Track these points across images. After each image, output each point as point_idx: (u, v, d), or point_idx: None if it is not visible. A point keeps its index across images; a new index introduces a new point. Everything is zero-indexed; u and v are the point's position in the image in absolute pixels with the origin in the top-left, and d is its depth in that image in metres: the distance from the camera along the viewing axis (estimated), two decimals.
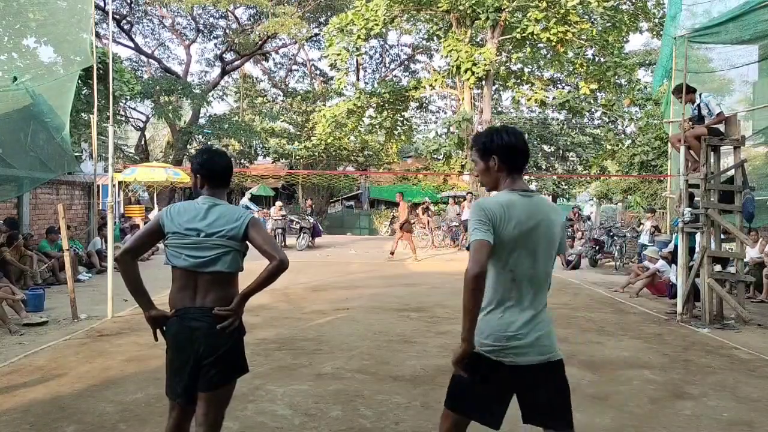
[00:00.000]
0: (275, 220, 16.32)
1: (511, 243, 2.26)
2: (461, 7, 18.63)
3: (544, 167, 26.37)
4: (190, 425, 2.66)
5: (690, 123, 7.63)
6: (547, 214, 2.35)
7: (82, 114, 15.76)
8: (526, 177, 2.65)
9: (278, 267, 2.54)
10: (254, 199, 25.73)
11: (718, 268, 7.46)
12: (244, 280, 2.63)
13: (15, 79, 9.25)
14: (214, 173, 2.67)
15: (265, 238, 2.60)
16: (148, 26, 30.25)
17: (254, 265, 2.77)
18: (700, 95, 7.63)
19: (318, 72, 35.23)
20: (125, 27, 27.51)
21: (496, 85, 24.52)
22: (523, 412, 2.37)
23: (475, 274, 2.14)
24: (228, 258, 2.55)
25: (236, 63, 30.94)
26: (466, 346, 2.21)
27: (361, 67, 32.61)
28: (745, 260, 7.99)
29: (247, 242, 2.61)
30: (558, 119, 27.58)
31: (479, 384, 2.30)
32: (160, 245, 3.41)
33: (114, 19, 24.03)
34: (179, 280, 2.58)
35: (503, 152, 2.36)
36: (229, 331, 2.55)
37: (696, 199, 7.62)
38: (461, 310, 2.19)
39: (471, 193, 19.55)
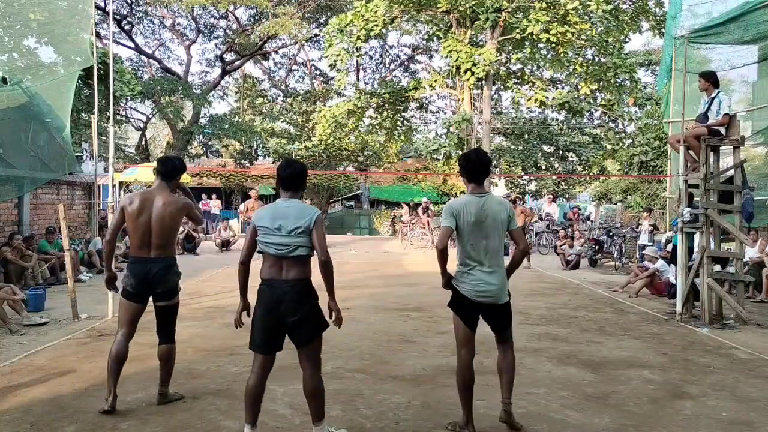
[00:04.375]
0: None
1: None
2: (461, 8, 18.62)
3: (544, 167, 26.34)
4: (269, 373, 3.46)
5: (693, 123, 7.59)
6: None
7: (83, 114, 15.77)
8: (526, 177, 3.19)
9: (323, 264, 3.34)
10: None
11: (717, 268, 7.46)
12: None
13: (5, 80, 9.21)
14: (283, 179, 3.43)
15: (320, 237, 3.35)
16: (148, 26, 30.27)
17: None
18: (718, 91, 7.35)
19: (318, 72, 35.23)
20: (126, 27, 27.52)
21: (496, 85, 24.50)
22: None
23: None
24: (304, 247, 3.33)
25: (236, 63, 30.93)
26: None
27: (361, 67, 32.62)
28: (744, 260, 7.99)
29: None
30: (558, 119, 27.56)
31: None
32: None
33: (114, 19, 24.03)
34: (269, 261, 3.35)
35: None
36: (336, 318, 3.54)
37: (695, 199, 7.62)
38: None
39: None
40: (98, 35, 21.24)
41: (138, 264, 3.97)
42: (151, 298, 4.05)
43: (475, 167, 3.63)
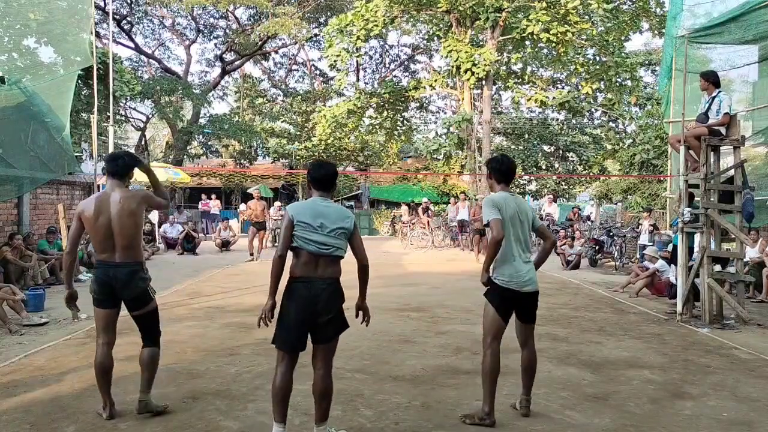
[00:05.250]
0: (275, 220, 16.32)
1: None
2: (461, 8, 18.63)
3: (544, 167, 26.33)
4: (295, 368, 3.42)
5: (694, 123, 7.58)
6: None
7: (82, 114, 15.78)
8: (527, 177, 3.27)
9: (364, 268, 3.48)
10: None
11: (717, 268, 7.46)
12: None
13: (2, 80, 9.19)
14: (317, 180, 3.46)
15: (360, 241, 3.49)
16: (148, 26, 30.29)
17: None
18: (719, 91, 7.31)
19: (318, 72, 35.26)
20: (125, 27, 27.52)
21: (497, 85, 24.51)
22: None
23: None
24: (342, 249, 3.41)
25: (236, 63, 30.95)
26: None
27: (361, 67, 32.63)
28: (745, 260, 7.98)
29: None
30: (558, 119, 27.56)
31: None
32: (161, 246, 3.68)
33: (114, 19, 24.03)
34: (304, 258, 3.34)
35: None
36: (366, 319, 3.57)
37: (696, 199, 7.62)
38: (461, 309, 2.24)
39: (465, 193, 19.58)
40: (98, 35, 21.24)
41: (101, 268, 3.82)
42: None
43: (509, 169, 3.99)
